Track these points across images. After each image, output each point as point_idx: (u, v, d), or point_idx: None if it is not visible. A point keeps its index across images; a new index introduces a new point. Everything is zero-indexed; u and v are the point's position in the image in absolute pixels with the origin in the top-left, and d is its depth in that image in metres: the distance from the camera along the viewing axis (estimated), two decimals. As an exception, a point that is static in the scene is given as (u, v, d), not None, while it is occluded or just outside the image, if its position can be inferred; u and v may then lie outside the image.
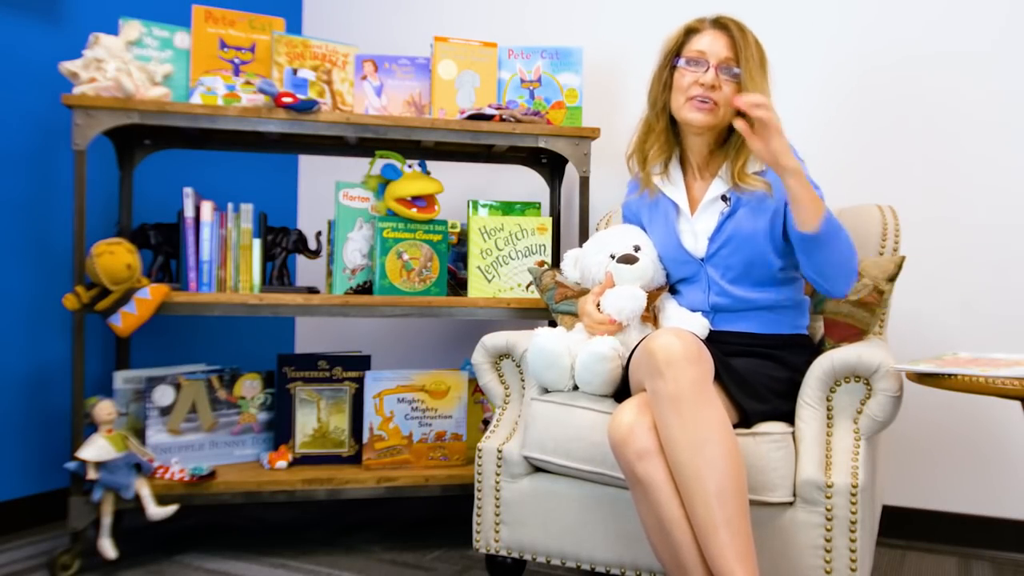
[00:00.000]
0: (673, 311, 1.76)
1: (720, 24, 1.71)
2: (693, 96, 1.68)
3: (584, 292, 1.98)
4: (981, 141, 2.20)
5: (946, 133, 2.24)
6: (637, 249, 1.78)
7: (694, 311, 1.75)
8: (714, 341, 1.67)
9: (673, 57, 1.74)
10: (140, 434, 2.13)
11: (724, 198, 1.74)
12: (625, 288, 1.72)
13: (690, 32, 1.74)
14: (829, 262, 1.59)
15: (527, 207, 2.39)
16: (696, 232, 1.76)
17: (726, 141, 1.75)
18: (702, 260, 1.75)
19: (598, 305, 1.73)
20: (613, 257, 1.77)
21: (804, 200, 1.52)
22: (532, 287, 2.23)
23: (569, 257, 1.91)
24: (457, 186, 2.63)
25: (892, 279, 1.79)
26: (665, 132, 1.79)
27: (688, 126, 1.73)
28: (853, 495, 1.48)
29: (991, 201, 2.19)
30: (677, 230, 1.78)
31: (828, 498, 1.49)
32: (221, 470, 2.13)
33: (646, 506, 1.44)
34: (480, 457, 1.80)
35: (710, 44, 1.69)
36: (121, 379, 2.15)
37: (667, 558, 1.44)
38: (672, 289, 1.85)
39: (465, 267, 2.34)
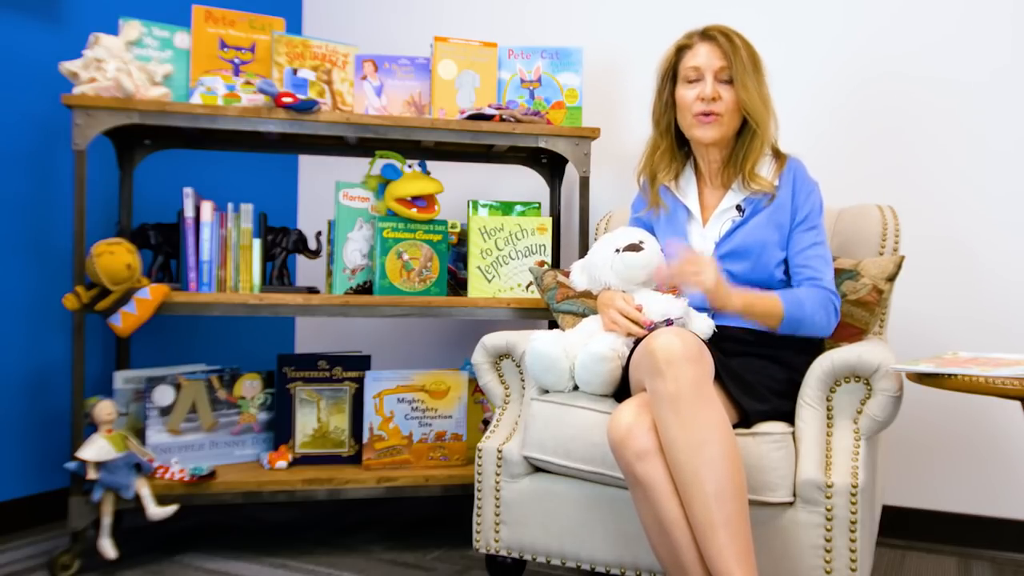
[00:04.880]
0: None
1: (708, 36, 1.76)
2: (697, 113, 1.74)
3: (586, 294, 1.98)
4: (980, 143, 2.21)
5: (944, 137, 2.24)
6: (641, 242, 1.79)
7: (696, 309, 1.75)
8: (715, 337, 1.68)
9: (670, 77, 1.80)
10: (140, 434, 2.13)
11: (739, 208, 1.77)
12: (670, 298, 1.73)
13: (682, 49, 1.79)
14: (798, 333, 1.70)
15: (527, 207, 2.39)
16: (705, 236, 1.79)
17: (734, 150, 1.80)
18: None
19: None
20: (618, 251, 1.78)
21: (755, 320, 1.67)
22: (532, 287, 2.23)
23: (576, 267, 1.90)
24: (457, 186, 2.63)
25: (891, 279, 1.79)
26: (671, 150, 1.85)
27: (698, 142, 1.79)
28: (853, 495, 1.48)
29: (990, 202, 2.19)
30: (687, 231, 1.82)
31: (828, 498, 1.49)
32: (221, 470, 2.13)
33: (646, 506, 1.44)
34: (480, 457, 1.80)
35: (703, 58, 1.74)
36: (121, 379, 2.15)
37: (666, 558, 1.44)
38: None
39: (465, 267, 2.34)
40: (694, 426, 1.38)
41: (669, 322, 1.65)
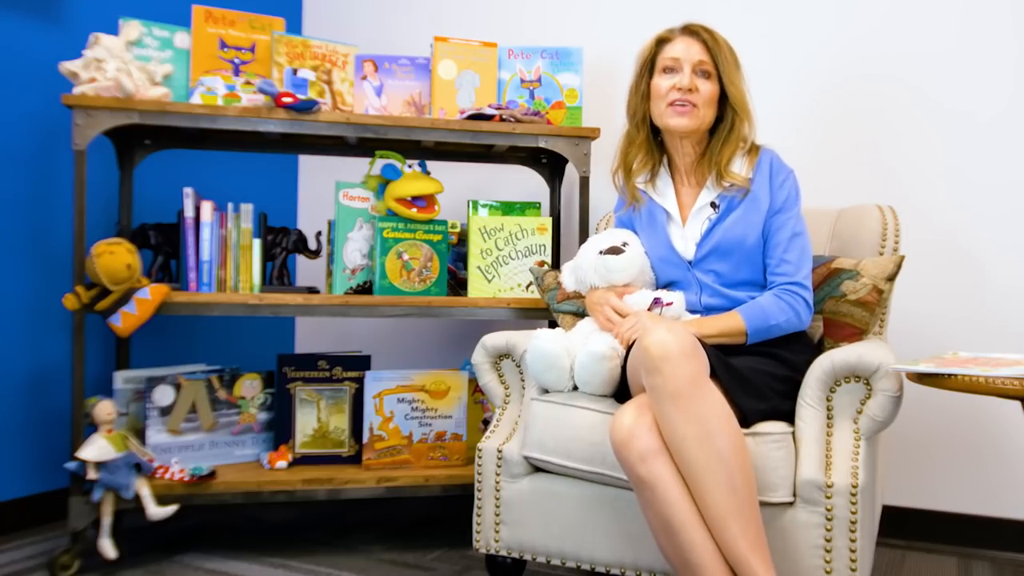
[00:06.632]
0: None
1: (690, 31, 1.77)
2: (672, 101, 1.73)
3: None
4: (979, 143, 2.21)
5: (944, 137, 2.24)
6: (624, 244, 1.80)
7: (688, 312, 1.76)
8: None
9: (648, 68, 1.79)
10: (140, 434, 2.13)
11: (713, 205, 1.77)
12: (663, 293, 1.74)
13: (661, 42, 1.79)
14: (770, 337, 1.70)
15: (527, 207, 2.39)
16: (686, 237, 1.79)
17: (709, 144, 1.79)
18: (690, 263, 1.77)
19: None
20: (601, 253, 1.78)
21: (719, 342, 1.63)
22: (532, 287, 2.23)
23: (566, 268, 1.92)
24: (457, 186, 2.63)
25: (891, 278, 1.79)
26: (647, 142, 1.84)
27: (671, 132, 1.77)
28: (853, 495, 1.48)
29: (990, 202, 2.19)
30: (668, 232, 1.81)
31: (828, 498, 1.49)
32: (221, 470, 2.13)
33: (652, 508, 1.43)
34: (480, 457, 1.80)
35: (683, 50, 1.74)
36: (121, 379, 2.15)
37: (676, 559, 1.43)
38: None
39: (465, 267, 2.34)
40: (699, 419, 1.38)
41: (657, 300, 1.69)
